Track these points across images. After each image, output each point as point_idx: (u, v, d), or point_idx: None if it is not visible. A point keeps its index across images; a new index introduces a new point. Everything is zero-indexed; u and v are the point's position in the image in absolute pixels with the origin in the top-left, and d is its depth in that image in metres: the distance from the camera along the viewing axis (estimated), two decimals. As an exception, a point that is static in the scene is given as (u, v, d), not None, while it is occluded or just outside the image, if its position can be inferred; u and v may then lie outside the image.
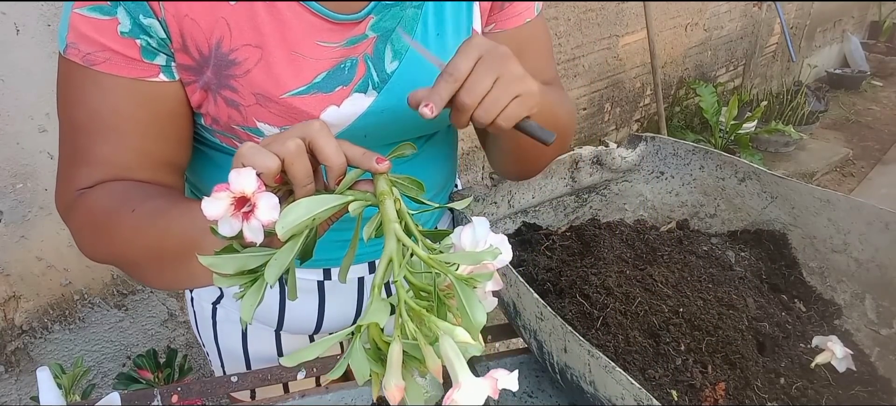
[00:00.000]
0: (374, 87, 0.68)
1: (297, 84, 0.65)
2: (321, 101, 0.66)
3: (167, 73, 0.63)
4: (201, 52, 0.62)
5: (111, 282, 1.77)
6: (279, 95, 0.64)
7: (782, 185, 0.94)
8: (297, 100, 0.65)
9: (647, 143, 1.06)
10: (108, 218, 0.61)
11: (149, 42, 0.61)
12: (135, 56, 0.61)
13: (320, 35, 0.65)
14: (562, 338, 0.66)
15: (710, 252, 0.91)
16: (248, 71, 0.63)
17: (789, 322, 0.80)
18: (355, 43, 0.67)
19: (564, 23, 2.87)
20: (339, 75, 0.66)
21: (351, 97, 0.67)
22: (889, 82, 5.51)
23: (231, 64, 0.63)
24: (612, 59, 3.28)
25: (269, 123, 0.65)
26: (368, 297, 0.84)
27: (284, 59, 0.64)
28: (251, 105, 0.64)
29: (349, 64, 0.67)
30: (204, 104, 0.66)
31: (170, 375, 1.64)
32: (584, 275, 0.79)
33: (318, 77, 0.65)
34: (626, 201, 1.08)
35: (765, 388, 0.70)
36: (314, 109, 0.66)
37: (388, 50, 0.69)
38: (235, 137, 0.68)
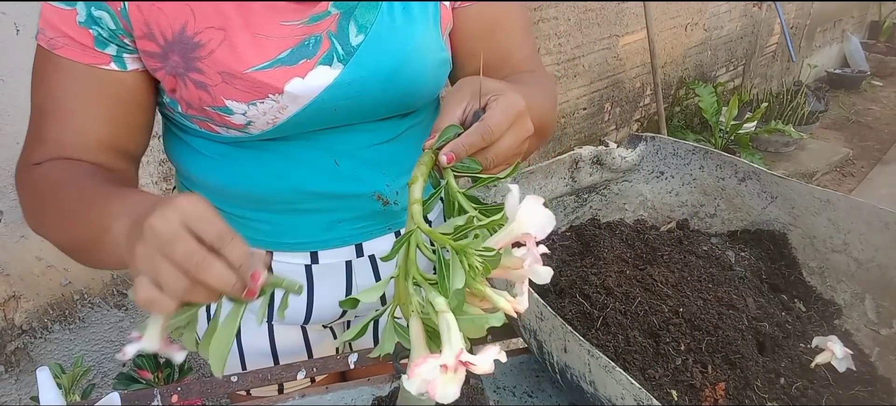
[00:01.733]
0: (340, 60, 0.69)
1: (261, 60, 0.66)
2: (285, 73, 0.67)
3: (118, 63, 0.67)
4: (166, 37, 0.65)
5: (111, 282, 1.77)
6: (242, 70, 0.66)
7: (782, 185, 0.94)
8: (260, 74, 0.66)
9: (647, 143, 1.06)
10: (43, 194, 0.66)
11: (100, 32, 0.65)
12: (88, 44, 0.65)
13: (283, 15, 0.67)
14: (562, 338, 0.66)
15: (710, 252, 0.91)
16: (212, 51, 0.65)
17: (789, 322, 0.80)
18: (318, 20, 0.68)
19: (564, 23, 2.87)
20: (304, 50, 0.68)
21: (315, 69, 0.68)
22: (889, 82, 5.51)
23: (196, 46, 0.65)
24: (612, 59, 3.28)
25: (235, 100, 0.67)
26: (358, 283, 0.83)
27: (248, 38, 0.66)
28: (218, 84, 0.66)
29: (313, 40, 0.68)
30: (177, 89, 0.68)
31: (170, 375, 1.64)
32: (584, 275, 0.79)
33: (281, 53, 0.67)
34: (626, 201, 1.08)
35: (765, 388, 0.70)
36: (277, 81, 0.67)
37: (351, 25, 0.70)
38: (210, 120, 0.70)
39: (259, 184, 0.77)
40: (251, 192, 0.77)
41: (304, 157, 0.75)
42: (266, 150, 0.74)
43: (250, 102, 0.67)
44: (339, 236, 0.82)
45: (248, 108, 0.67)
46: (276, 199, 0.78)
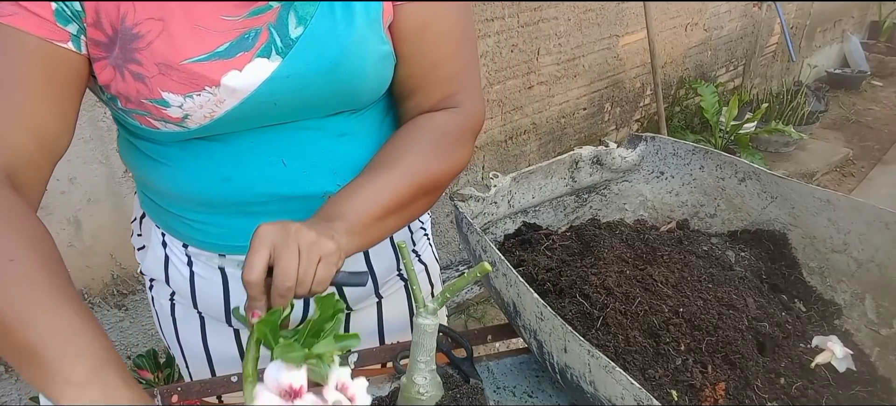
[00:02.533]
0: (278, 53, 0.68)
1: (198, 52, 0.66)
2: (222, 65, 0.67)
3: (75, 44, 0.65)
4: (114, 27, 0.64)
5: (111, 282, 1.77)
6: (179, 62, 0.65)
7: (782, 185, 0.94)
8: (197, 66, 0.66)
9: (647, 143, 1.06)
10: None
11: (64, 8, 0.63)
12: (47, 17, 0.62)
13: (224, 10, 0.66)
14: (562, 338, 0.66)
15: (710, 252, 0.91)
16: (150, 43, 0.65)
17: (789, 322, 0.80)
18: (259, 13, 0.68)
19: (564, 23, 2.87)
20: (242, 44, 0.67)
21: (253, 62, 0.68)
22: (889, 82, 5.51)
23: (135, 38, 0.65)
24: (612, 59, 3.28)
25: (172, 92, 0.66)
26: None
27: (186, 30, 0.65)
28: (155, 75, 0.66)
29: (253, 33, 0.68)
30: (113, 83, 0.67)
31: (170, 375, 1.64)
32: (584, 275, 0.79)
33: (220, 47, 0.67)
34: (626, 201, 1.08)
35: (765, 388, 0.70)
36: (214, 74, 0.66)
37: (291, 16, 0.69)
38: (148, 114, 0.69)
39: (206, 186, 0.76)
40: (200, 195, 0.77)
41: (251, 159, 0.75)
42: (213, 152, 0.74)
43: (187, 95, 0.66)
44: None
45: (185, 100, 0.67)
46: (224, 202, 0.77)
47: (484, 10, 2.46)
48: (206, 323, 0.90)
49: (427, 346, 0.66)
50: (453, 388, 0.75)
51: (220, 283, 0.84)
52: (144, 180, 0.81)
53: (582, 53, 3.06)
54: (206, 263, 0.83)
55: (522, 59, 2.74)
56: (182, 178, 0.76)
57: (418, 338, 0.65)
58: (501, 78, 2.67)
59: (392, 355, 0.85)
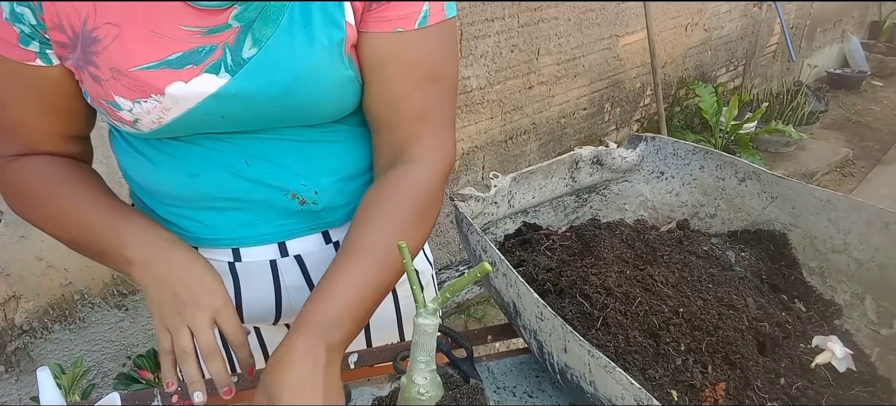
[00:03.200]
0: (227, 70, 0.68)
1: (149, 60, 0.67)
2: (168, 75, 0.67)
3: (43, 59, 0.68)
4: (73, 29, 0.66)
5: (111, 282, 1.77)
6: (128, 68, 0.66)
7: (782, 185, 0.94)
8: (144, 73, 0.67)
9: (647, 143, 1.06)
10: (35, 197, 0.75)
11: (23, 29, 0.66)
12: (13, 41, 0.66)
13: (183, 19, 0.67)
14: (562, 338, 0.66)
15: (711, 252, 0.91)
16: (105, 47, 0.66)
17: (789, 322, 0.80)
18: (217, 31, 0.68)
19: (564, 23, 2.87)
20: (193, 57, 0.68)
21: (200, 76, 0.68)
22: (889, 82, 5.51)
23: (93, 41, 0.66)
24: (612, 59, 3.28)
25: (122, 96, 0.68)
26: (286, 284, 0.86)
27: (142, 37, 0.66)
28: (108, 79, 0.67)
29: (206, 49, 0.68)
30: (82, 81, 0.70)
31: (170, 375, 1.64)
32: (584, 275, 0.79)
33: (171, 55, 0.67)
34: (626, 201, 1.08)
35: (765, 388, 0.70)
36: (159, 82, 0.67)
37: (248, 38, 0.68)
38: (106, 114, 0.71)
39: (175, 181, 0.78)
40: (170, 189, 0.79)
41: (217, 156, 0.76)
42: (180, 149, 0.76)
43: (135, 100, 0.68)
44: (260, 234, 0.83)
45: (134, 105, 0.69)
46: (192, 196, 0.79)
47: (484, 10, 2.46)
48: None
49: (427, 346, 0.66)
50: (453, 388, 0.75)
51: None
52: (125, 171, 0.83)
53: (582, 53, 3.06)
54: None
55: (522, 59, 2.74)
56: (154, 173, 0.78)
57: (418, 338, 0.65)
58: (501, 78, 2.67)
59: (392, 355, 0.85)
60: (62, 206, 0.74)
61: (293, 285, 0.87)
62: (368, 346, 1.01)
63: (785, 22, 3.99)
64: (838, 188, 3.70)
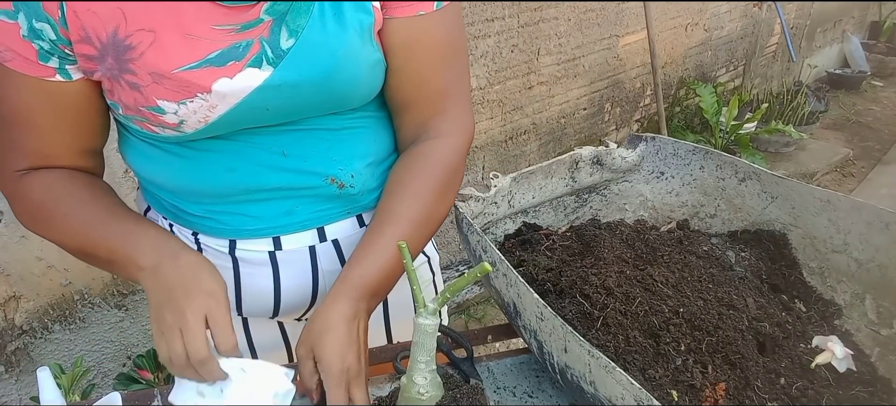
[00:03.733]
0: (269, 63, 0.70)
1: (188, 60, 0.67)
2: (213, 73, 0.68)
3: (63, 74, 0.68)
4: (101, 40, 0.66)
5: (111, 282, 1.77)
6: (170, 71, 0.67)
7: (782, 186, 0.94)
8: (188, 74, 0.67)
9: (648, 143, 1.06)
10: (45, 214, 0.75)
11: (42, 46, 0.66)
12: (32, 58, 0.66)
13: (215, 19, 0.68)
14: (562, 338, 0.66)
15: (711, 252, 0.91)
16: (142, 53, 0.66)
17: (789, 322, 0.80)
18: (250, 27, 0.69)
19: (564, 23, 2.87)
20: (233, 53, 0.69)
21: (244, 71, 0.69)
22: (889, 82, 5.51)
23: (128, 49, 0.66)
24: (612, 59, 3.28)
25: (166, 99, 0.68)
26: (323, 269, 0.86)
27: (177, 40, 0.67)
28: (149, 85, 0.67)
29: (243, 45, 0.69)
30: (114, 91, 0.70)
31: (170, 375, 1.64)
32: (584, 275, 0.79)
33: (210, 54, 0.68)
34: (626, 201, 1.08)
35: (765, 388, 0.70)
36: (205, 81, 0.68)
37: (283, 30, 0.70)
38: (146, 120, 0.71)
39: (211, 179, 0.78)
40: (207, 187, 0.79)
41: (252, 151, 0.76)
42: (216, 146, 0.76)
43: (180, 102, 0.68)
44: (300, 221, 0.83)
45: (179, 107, 0.69)
46: (230, 191, 0.79)
47: (484, 10, 2.46)
48: None
49: (427, 346, 0.66)
50: (453, 388, 0.75)
51: (231, 269, 0.85)
52: (149, 178, 0.82)
53: (582, 53, 3.06)
54: (216, 250, 0.84)
55: (522, 59, 2.74)
56: (188, 173, 0.78)
57: (419, 338, 0.65)
58: (501, 78, 2.67)
59: (392, 355, 0.85)
60: (73, 218, 0.74)
61: (329, 270, 0.87)
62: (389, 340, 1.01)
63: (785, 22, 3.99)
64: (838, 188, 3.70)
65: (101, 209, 0.75)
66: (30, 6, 0.63)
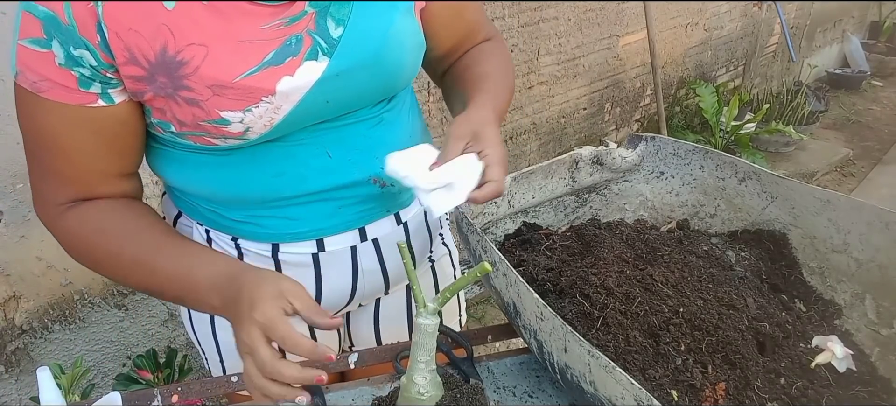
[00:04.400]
0: (325, 53, 0.70)
1: (247, 66, 0.67)
2: (274, 73, 0.68)
3: (105, 99, 0.67)
4: (148, 60, 0.64)
5: (111, 282, 1.77)
6: (232, 80, 0.66)
7: (782, 185, 0.94)
8: (249, 79, 0.67)
9: (648, 142, 1.06)
10: (95, 253, 0.73)
11: (82, 72, 0.64)
12: (72, 86, 0.65)
13: (262, 20, 0.67)
14: (562, 338, 0.66)
15: (711, 252, 0.91)
16: (197, 68, 0.65)
17: (789, 322, 0.80)
18: (296, 20, 0.69)
19: (564, 23, 2.87)
20: (287, 50, 0.69)
21: (303, 65, 0.69)
22: (889, 82, 5.51)
23: (180, 65, 0.65)
24: (612, 59, 3.28)
25: (230, 109, 0.67)
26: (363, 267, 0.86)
27: (231, 48, 0.66)
28: (209, 98, 0.66)
29: (295, 39, 0.69)
30: (167, 109, 0.68)
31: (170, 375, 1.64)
32: (584, 275, 0.79)
33: (266, 56, 0.68)
34: (626, 201, 1.08)
35: (765, 388, 0.70)
36: (268, 83, 0.67)
37: (329, 20, 0.71)
38: (207, 134, 0.70)
39: (258, 185, 0.77)
40: (253, 193, 0.78)
41: (297, 154, 0.76)
42: (263, 152, 0.75)
43: (245, 109, 0.68)
44: (344, 221, 0.84)
45: (244, 115, 0.68)
46: (277, 196, 0.79)
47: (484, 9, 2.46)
48: None
49: (427, 346, 0.66)
50: (453, 388, 0.75)
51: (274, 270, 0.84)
52: (186, 187, 0.81)
53: (582, 53, 3.06)
54: (257, 254, 0.84)
55: (522, 59, 2.74)
56: (235, 181, 0.77)
57: (418, 338, 0.65)
58: (501, 78, 2.67)
59: (392, 355, 0.85)
60: (128, 256, 0.72)
61: (369, 269, 0.88)
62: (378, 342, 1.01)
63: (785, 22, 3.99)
64: (838, 188, 3.70)
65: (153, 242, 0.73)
66: (65, 33, 0.61)
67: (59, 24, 0.61)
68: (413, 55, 0.80)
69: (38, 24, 0.61)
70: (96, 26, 0.62)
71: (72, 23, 0.61)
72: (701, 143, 2.41)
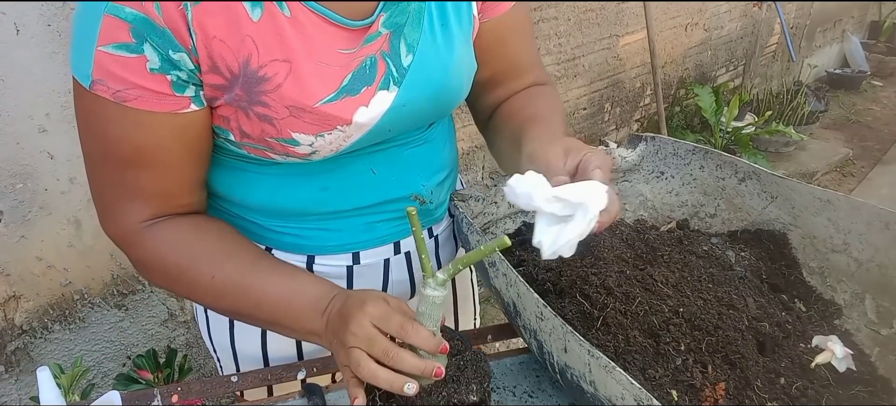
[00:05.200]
0: (395, 83, 0.71)
1: (327, 92, 0.66)
2: (351, 104, 0.68)
3: (197, 102, 0.65)
4: (231, 71, 0.63)
5: (111, 282, 1.77)
6: (312, 105, 0.66)
7: (782, 185, 0.94)
8: (329, 107, 0.66)
9: (647, 142, 1.06)
10: (184, 276, 0.71)
11: (179, 76, 0.62)
12: (166, 91, 0.62)
13: (339, 43, 0.67)
14: (562, 338, 0.66)
15: (710, 252, 0.91)
16: (278, 86, 0.64)
17: (789, 322, 0.80)
18: (371, 41, 0.69)
19: (564, 23, 2.87)
20: (363, 76, 0.68)
21: (377, 96, 0.70)
22: (889, 82, 5.51)
23: (261, 80, 0.64)
24: (612, 59, 3.28)
25: (303, 132, 0.67)
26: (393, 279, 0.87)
27: (312, 69, 0.65)
28: (285, 117, 0.66)
29: (369, 62, 0.69)
30: (232, 120, 0.67)
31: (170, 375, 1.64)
32: (584, 275, 0.79)
33: (344, 81, 0.67)
34: (626, 201, 1.08)
35: (765, 388, 0.70)
36: (346, 113, 0.68)
37: (402, 45, 0.71)
38: (269, 149, 0.70)
39: (302, 199, 0.78)
40: (296, 206, 0.78)
41: (344, 170, 0.77)
42: (307, 166, 0.75)
43: (318, 135, 0.67)
44: (379, 236, 0.84)
45: (315, 139, 0.68)
46: (319, 211, 0.79)
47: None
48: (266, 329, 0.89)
49: (434, 317, 0.63)
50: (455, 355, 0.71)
51: None
52: (225, 195, 0.80)
53: (582, 53, 3.06)
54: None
55: (522, 59, 2.73)
56: (279, 193, 0.77)
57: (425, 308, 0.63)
58: (501, 78, 2.67)
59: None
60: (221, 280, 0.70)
61: (398, 280, 0.89)
62: None
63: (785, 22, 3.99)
64: (838, 188, 3.70)
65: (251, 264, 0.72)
66: (162, 35, 0.59)
67: (154, 26, 0.58)
68: (468, 83, 0.81)
69: (125, 28, 0.58)
70: (188, 30, 0.60)
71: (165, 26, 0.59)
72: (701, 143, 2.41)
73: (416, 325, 0.62)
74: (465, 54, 0.78)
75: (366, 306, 0.63)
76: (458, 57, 0.76)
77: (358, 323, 0.63)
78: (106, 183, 0.69)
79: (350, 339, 0.63)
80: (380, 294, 0.66)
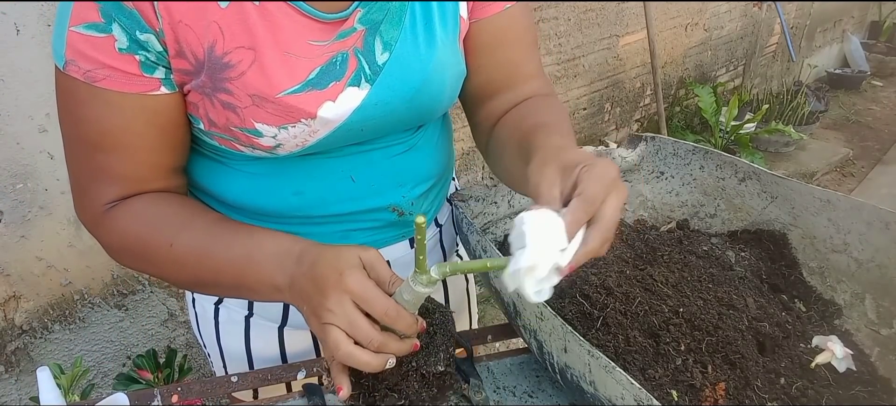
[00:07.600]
0: (367, 80, 0.69)
1: (292, 83, 0.65)
2: (316, 97, 0.66)
3: (168, 86, 0.65)
4: (196, 56, 0.63)
5: (111, 282, 1.77)
6: (274, 95, 0.64)
7: (782, 185, 0.94)
8: (292, 98, 0.65)
9: (647, 143, 1.06)
10: (145, 248, 0.68)
11: (147, 57, 0.62)
12: (135, 71, 0.62)
13: (311, 35, 0.66)
14: (562, 338, 0.66)
15: (710, 252, 0.91)
16: (242, 73, 0.63)
17: (789, 322, 0.80)
18: (345, 37, 0.67)
19: (564, 23, 2.87)
20: (332, 71, 0.67)
21: (345, 91, 0.68)
22: (889, 82, 5.51)
23: (225, 67, 0.63)
24: (612, 59, 3.28)
25: (265, 123, 0.66)
26: None
27: (278, 59, 0.64)
28: (247, 106, 0.65)
29: (340, 58, 0.67)
30: (200, 107, 0.66)
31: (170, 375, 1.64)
32: (584, 275, 0.79)
33: (311, 74, 0.66)
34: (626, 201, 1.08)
35: (765, 388, 0.70)
36: (310, 106, 0.66)
37: (377, 42, 0.69)
38: (235, 140, 0.69)
39: (276, 201, 0.76)
40: (268, 208, 0.77)
41: (322, 174, 0.75)
42: (286, 167, 0.74)
43: (281, 126, 0.66)
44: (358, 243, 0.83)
45: (279, 131, 0.67)
46: (294, 215, 0.78)
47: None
48: (250, 327, 0.89)
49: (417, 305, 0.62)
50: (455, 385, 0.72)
51: None
52: (205, 189, 0.80)
53: (582, 53, 3.06)
54: None
55: (522, 59, 2.73)
56: (254, 192, 0.76)
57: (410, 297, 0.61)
58: (501, 78, 2.67)
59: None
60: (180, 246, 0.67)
61: None
62: None
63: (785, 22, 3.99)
64: (838, 188, 3.70)
65: (207, 229, 0.68)
66: (130, 16, 0.59)
67: (121, 6, 0.58)
68: (452, 87, 0.77)
69: (94, 7, 0.58)
70: (154, 12, 0.59)
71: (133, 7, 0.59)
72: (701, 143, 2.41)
73: (401, 311, 0.59)
74: (449, 57, 0.74)
75: (344, 279, 0.59)
76: (440, 59, 0.73)
77: (337, 300, 0.59)
78: (79, 167, 0.69)
79: (327, 315, 0.59)
80: (356, 258, 0.61)
